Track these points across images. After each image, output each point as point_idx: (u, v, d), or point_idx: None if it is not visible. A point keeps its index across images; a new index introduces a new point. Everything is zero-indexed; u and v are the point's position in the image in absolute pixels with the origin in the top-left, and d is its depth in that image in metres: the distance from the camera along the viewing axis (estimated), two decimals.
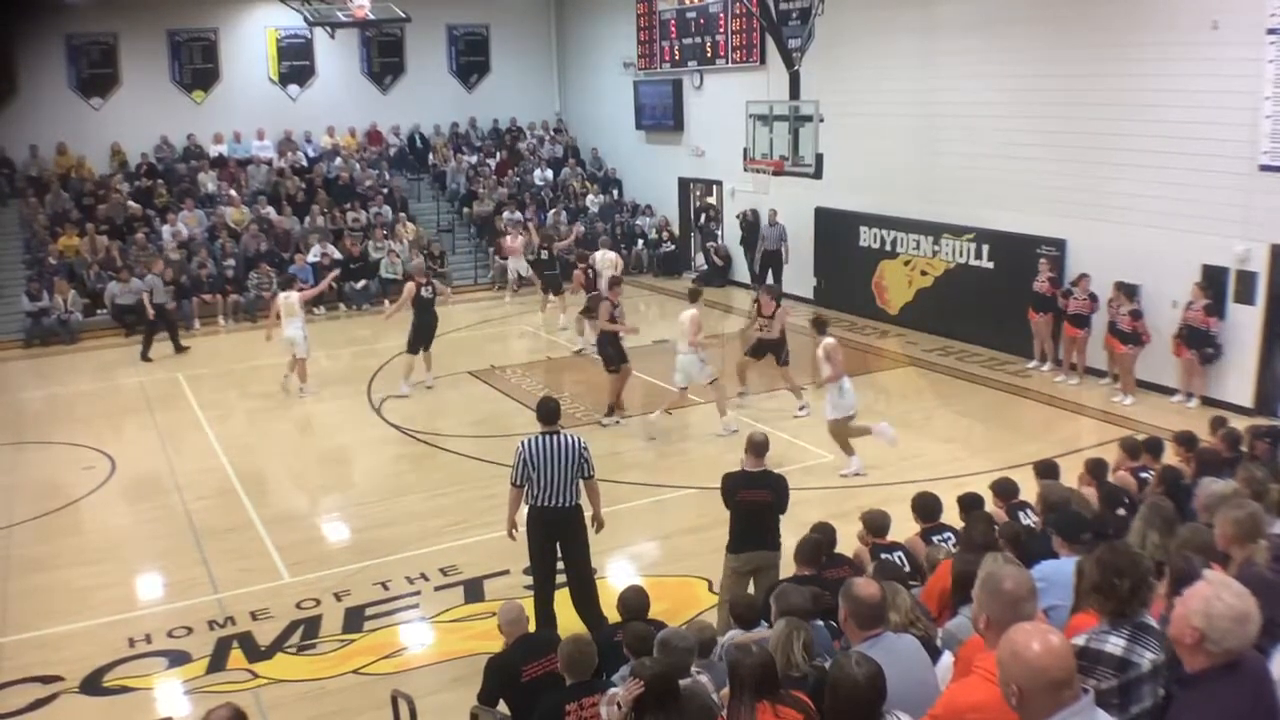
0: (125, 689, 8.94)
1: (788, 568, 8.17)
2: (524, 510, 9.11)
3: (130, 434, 15.57)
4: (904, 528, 8.50)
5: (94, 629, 9.92)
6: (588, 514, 9.29)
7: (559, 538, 9.08)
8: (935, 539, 7.90)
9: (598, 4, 29.08)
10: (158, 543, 11.97)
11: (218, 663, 9.27)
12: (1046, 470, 9.08)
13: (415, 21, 25.05)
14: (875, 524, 8.16)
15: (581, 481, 9.00)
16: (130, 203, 24.97)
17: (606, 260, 20.02)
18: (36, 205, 24.40)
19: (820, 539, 7.78)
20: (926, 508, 8.25)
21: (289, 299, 17.06)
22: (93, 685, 8.99)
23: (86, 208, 24.69)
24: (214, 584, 10.81)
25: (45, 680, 9.03)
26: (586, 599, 9.18)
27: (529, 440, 8.96)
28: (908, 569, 7.65)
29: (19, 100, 25.55)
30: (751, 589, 8.49)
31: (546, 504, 8.89)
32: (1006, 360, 17.73)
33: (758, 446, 9.00)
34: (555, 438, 8.92)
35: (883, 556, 7.72)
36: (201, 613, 10.13)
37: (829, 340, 13.10)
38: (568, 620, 8.95)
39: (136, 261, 23.15)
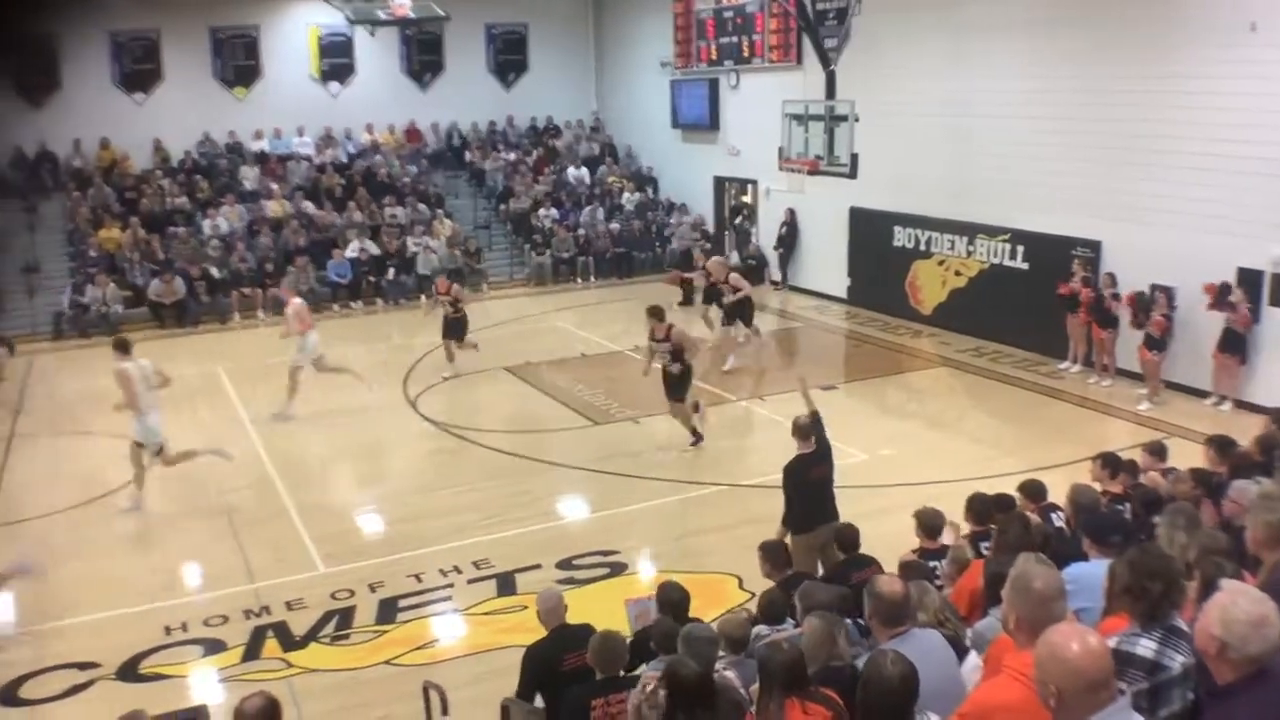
0: (161, 676, 9.08)
1: None
2: None
3: (170, 425, 15.68)
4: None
5: (131, 617, 10.06)
6: None
7: None
8: (984, 545, 7.77)
9: (635, 3, 29.08)
10: (195, 532, 12.12)
11: (252, 652, 9.40)
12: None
13: (455, 20, 25.16)
14: (929, 524, 8.05)
15: None
16: (178, 198, 25.24)
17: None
18: (79, 199, 24.69)
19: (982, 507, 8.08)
20: (978, 510, 8.10)
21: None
22: (129, 672, 9.13)
23: (129, 201, 24.99)
24: (250, 574, 10.93)
25: (83, 667, 9.17)
26: None
27: None
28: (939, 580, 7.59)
29: (63, 95, 25.86)
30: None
31: None
32: (1039, 361, 17.63)
33: (804, 429, 9.26)
34: None
35: (931, 564, 7.64)
36: (237, 602, 10.26)
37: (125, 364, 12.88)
38: (596, 615, 8.99)
39: (178, 256, 23.45)
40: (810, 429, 9.25)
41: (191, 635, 9.71)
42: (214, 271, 23.37)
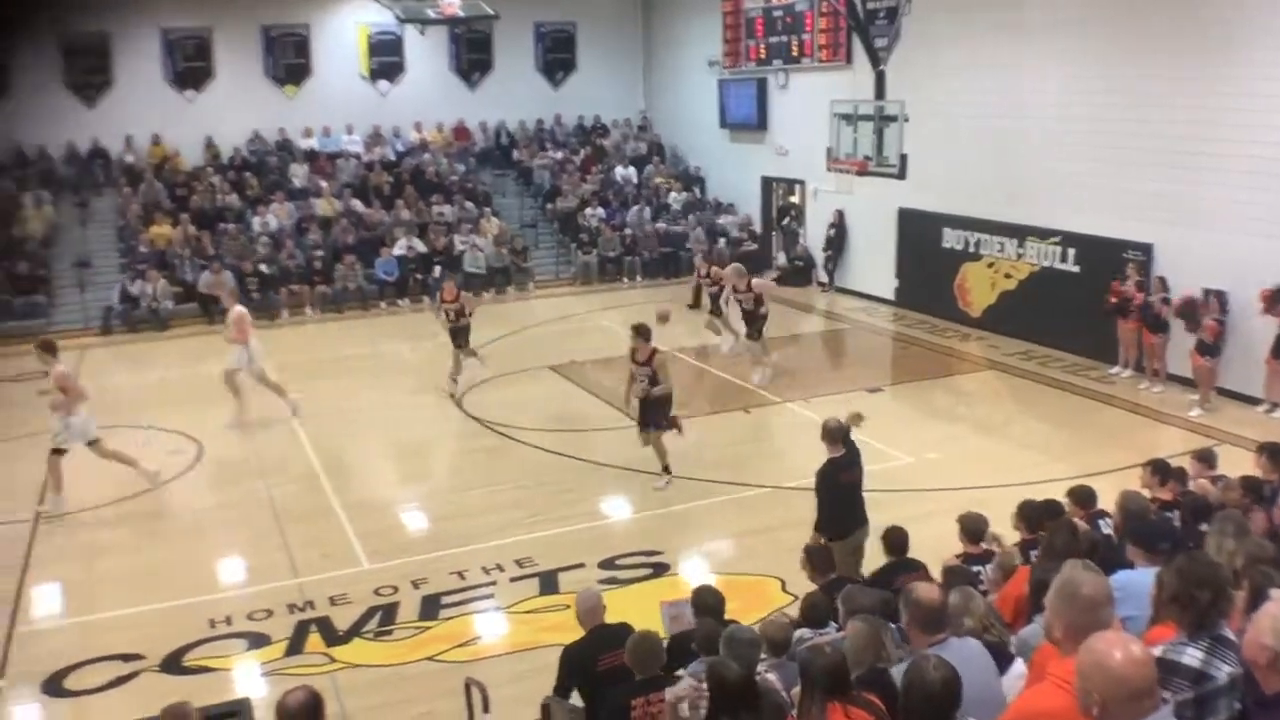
0: (205, 669, 9.17)
1: None
2: None
3: (217, 420, 15.85)
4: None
5: (176, 609, 10.17)
6: None
7: None
8: (1033, 552, 7.70)
9: (685, 2, 29.05)
10: (241, 527, 12.26)
11: (296, 646, 9.49)
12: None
13: (504, 19, 25.23)
14: (972, 529, 8.00)
15: None
16: (228, 195, 25.53)
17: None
18: (130, 195, 24.99)
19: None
20: (1030, 517, 8.01)
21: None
22: (173, 664, 9.23)
23: (179, 198, 25.27)
24: (294, 569, 11.02)
25: (127, 658, 9.29)
26: None
27: None
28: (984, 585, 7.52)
29: (116, 92, 26.22)
30: None
31: None
32: (1090, 366, 17.44)
33: (833, 432, 9.21)
34: None
35: (974, 569, 7.59)
36: (281, 596, 10.35)
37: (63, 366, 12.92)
38: (639, 615, 8.99)
39: (228, 252, 23.70)
40: (839, 432, 9.23)
41: (235, 629, 9.81)
42: (263, 268, 23.58)
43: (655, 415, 12.96)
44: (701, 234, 26.74)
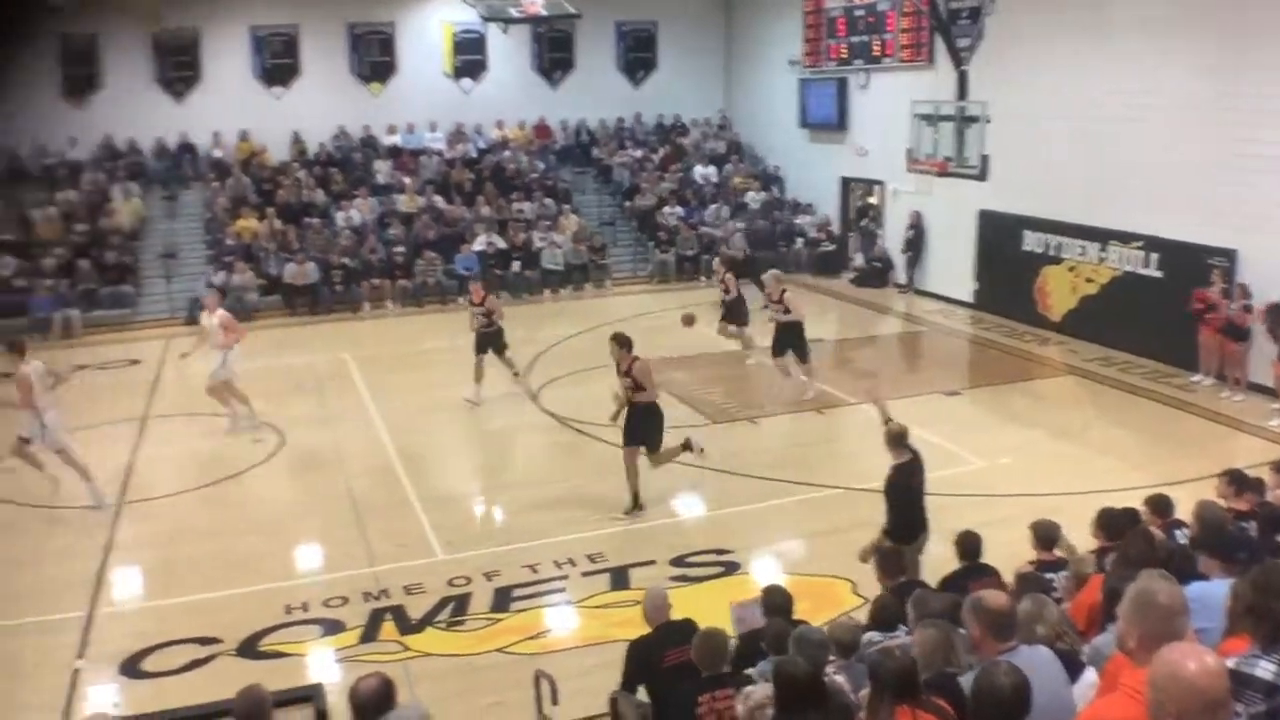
0: (280, 654, 9.34)
1: None
2: None
3: (298, 411, 16.12)
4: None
5: (253, 595, 10.37)
6: None
7: None
8: (1108, 560, 7.62)
9: (766, 1, 28.97)
10: (319, 516, 12.47)
11: (370, 633, 9.63)
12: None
13: (585, 18, 25.47)
14: (1044, 536, 7.93)
15: None
16: (314, 190, 25.94)
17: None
18: (218, 189, 25.49)
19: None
20: (1111, 525, 7.89)
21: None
22: (249, 649, 9.41)
23: (265, 193, 25.74)
24: (370, 558, 11.18)
25: (204, 642, 9.48)
26: None
27: None
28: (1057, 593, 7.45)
29: (204, 88, 26.73)
30: None
31: None
32: (1171, 373, 17.10)
33: (898, 437, 9.24)
34: None
35: (1047, 576, 7.52)
36: (357, 584, 10.51)
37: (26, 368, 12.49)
38: (710, 614, 9.01)
39: (312, 246, 24.08)
40: (903, 438, 9.25)
41: (311, 615, 9.98)
42: (346, 262, 23.91)
43: (639, 433, 12.17)
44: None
